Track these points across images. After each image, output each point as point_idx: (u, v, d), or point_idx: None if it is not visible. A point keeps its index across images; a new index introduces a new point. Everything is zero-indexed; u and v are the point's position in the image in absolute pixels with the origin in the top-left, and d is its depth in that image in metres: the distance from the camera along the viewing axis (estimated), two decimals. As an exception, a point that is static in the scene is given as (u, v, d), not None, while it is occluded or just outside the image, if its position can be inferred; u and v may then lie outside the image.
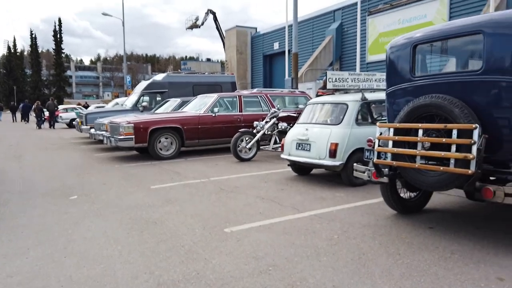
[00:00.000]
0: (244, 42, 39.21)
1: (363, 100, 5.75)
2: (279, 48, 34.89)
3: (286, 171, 7.00)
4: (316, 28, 30.81)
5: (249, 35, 39.32)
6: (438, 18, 22.37)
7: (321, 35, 30.12)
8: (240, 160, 8.37)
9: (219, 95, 9.95)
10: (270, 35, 36.58)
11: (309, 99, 11.04)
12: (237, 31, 38.82)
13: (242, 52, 39.30)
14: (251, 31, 39.58)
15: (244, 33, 39.26)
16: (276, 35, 35.43)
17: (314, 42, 30.91)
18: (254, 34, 39.17)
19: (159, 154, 8.96)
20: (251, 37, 39.24)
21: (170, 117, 9.31)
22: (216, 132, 9.60)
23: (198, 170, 7.43)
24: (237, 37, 38.82)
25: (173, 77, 14.43)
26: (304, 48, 30.79)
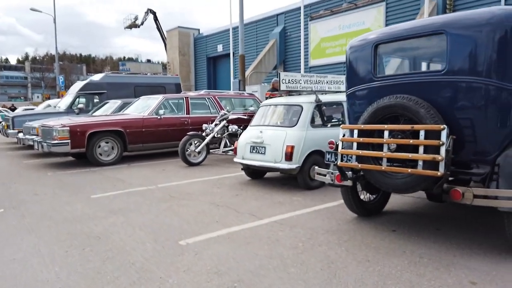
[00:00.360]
0: (186, 44, 38.45)
1: (317, 102, 5.66)
2: (223, 50, 34.62)
3: (239, 175, 6.73)
4: (260, 31, 30.99)
5: (192, 36, 38.63)
6: (376, 25, 23.45)
7: (265, 38, 30.34)
8: (189, 164, 7.96)
9: (164, 97, 9.46)
10: (213, 37, 36.21)
11: (257, 101, 10.91)
12: (179, 32, 37.98)
13: (185, 53, 38.51)
14: (194, 32, 38.92)
15: (187, 34, 38.50)
16: (220, 37, 35.13)
17: (258, 45, 31.06)
18: (197, 35, 38.56)
19: (99, 159, 8.28)
20: (194, 39, 38.59)
21: (110, 119, 8.65)
22: (162, 135, 9.09)
23: (143, 177, 6.92)
24: (179, 38, 37.97)
25: (112, 77, 13.59)
26: (249, 51, 30.78)
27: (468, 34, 2.93)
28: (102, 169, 7.83)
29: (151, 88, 14.10)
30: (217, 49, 35.78)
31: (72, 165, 8.46)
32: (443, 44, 3.04)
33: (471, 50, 2.92)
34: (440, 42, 3.08)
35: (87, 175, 7.26)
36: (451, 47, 2.99)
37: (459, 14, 3.09)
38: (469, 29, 2.93)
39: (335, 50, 25.92)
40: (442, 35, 3.04)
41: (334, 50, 25.89)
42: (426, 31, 3.15)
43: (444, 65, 3.05)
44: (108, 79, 13.42)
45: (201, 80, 37.68)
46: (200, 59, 37.85)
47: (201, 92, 10.38)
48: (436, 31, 3.08)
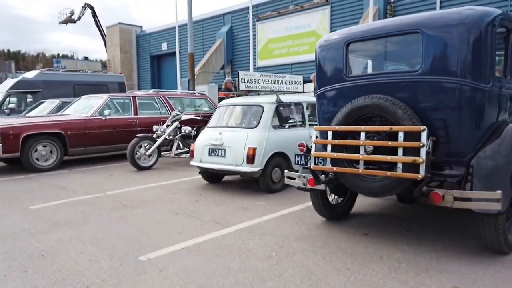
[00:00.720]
0: (128, 41, 36.88)
1: (278, 102, 5.49)
2: (168, 49, 33.63)
3: (195, 179, 6.39)
4: (207, 30, 30.51)
5: (134, 33, 37.12)
6: (321, 27, 24.01)
7: (212, 37, 29.91)
8: (139, 168, 7.45)
9: (109, 96, 8.81)
10: (157, 35, 35.05)
11: (209, 102, 10.58)
12: (120, 28, 36.33)
13: (127, 51, 36.93)
14: (136, 29, 37.42)
15: (128, 31, 36.94)
16: (165, 35, 34.09)
17: (204, 44, 30.55)
18: (140, 33, 37.13)
19: (36, 165, 7.49)
20: (136, 36, 37.10)
21: (49, 121, 7.87)
22: (107, 137, 8.45)
23: (89, 183, 6.33)
24: (120, 35, 36.32)
25: (48, 75, 12.53)
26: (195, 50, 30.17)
27: (443, 34, 2.89)
28: (40, 176, 7.08)
29: (92, 87, 13.23)
30: (162, 47, 34.69)
31: (4, 172, 7.58)
32: (418, 44, 2.98)
33: (445, 50, 2.89)
34: (415, 41, 3.02)
35: (22, 182, 6.50)
36: (427, 46, 2.94)
37: (434, 13, 3.05)
38: (444, 29, 2.89)
39: (282, 51, 26.19)
40: (418, 34, 2.98)
41: (281, 51, 26.15)
42: (401, 30, 3.08)
43: (419, 65, 3.00)
44: (43, 77, 12.35)
45: (144, 79, 36.33)
46: (143, 57, 36.47)
47: (150, 92, 9.84)
48: (411, 30, 3.02)
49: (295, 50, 25.52)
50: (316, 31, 24.30)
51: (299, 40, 25.30)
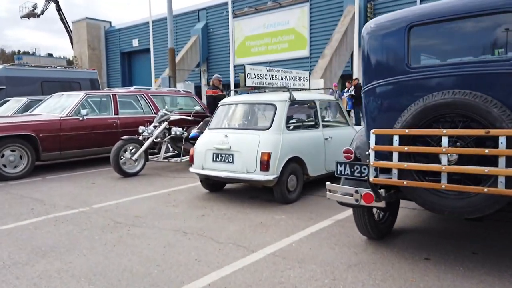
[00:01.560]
0: (96, 37, 35.20)
1: (292, 100, 4.83)
2: (140, 45, 32.29)
3: (192, 188, 5.63)
4: (181, 27, 29.42)
5: (103, 29, 35.49)
6: (300, 25, 23.56)
7: (187, 34, 28.88)
8: (125, 175, 6.59)
9: (86, 94, 7.87)
10: (128, 30, 33.61)
11: (196, 100, 9.79)
12: (88, 23, 34.60)
13: (95, 48, 35.25)
14: (105, 25, 35.78)
15: (96, 26, 35.26)
16: (136, 31, 32.73)
17: (178, 41, 29.44)
18: (109, 28, 35.52)
19: (3, 172, 6.48)
20: (105, 32, 35.45)
21: (17, 121, 6.86)
22: (86, 140, 7.52)
23: (69, 194, 5.45)
24: (87, 30, 34.61)
25: (12, 70, 11.32)
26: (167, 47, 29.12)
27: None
28: (8, 185, 6.10)
29: (63, 84, 12.13)
30: (132, 44, 33.27)
31: (-36, 181, 6.54)
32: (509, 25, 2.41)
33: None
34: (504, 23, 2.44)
35: (-13, 194, 5.53)
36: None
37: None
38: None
39: (260, 49, 25.56)
40: (509, 14, 2.41)
41: (260, 49, 25.52)
42: (485, 9, 2.49)
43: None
44: (7, 73, 11.14)
45: (114, 76, 34.79)
46: (112, 54, 34.88)
47: (131, 89, 8.93)
48: (500, 8, 2.44)
49: (274, 48, 24.96)
50: (295, 28, 23.84)
51: (277, 37, 24.74)
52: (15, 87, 11.07)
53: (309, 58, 23.20)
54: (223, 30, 26.86)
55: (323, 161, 5.09)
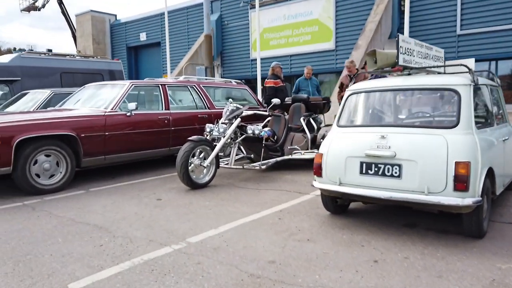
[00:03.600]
0: (101, 31, 33.60)
1: (476, 84, 3.34)
2: (148, 39, 30.69)
3: (299, 206, 4.15)
4: (192, 19, 27.83)
5: (108, 22, 33.85)
6: (324, 15, 22.04)
7: (199, 27, 27.28)
8: (193, 186, 5.08)
9: (132, 83, 6.34)
10: (134, 24, 32.00)
11: (249, 93, 8.29)
12: (92, 17, 32.96)
13: (100, 42, 33.63)
14: (110, 18, 34.12)
15: (101, 20, 33.64)
16: (143, 24, 31.13)
17: (190, 35, 27.88)
18: (114, 22, 33.89)
19: (37, 185, 4.96)
20: (110, 25, 33.82)
21: (53, 118, 5.32)
22: (134, 141, 6.01)
23: (137, 217, 3.93)
24: (92, 24, 32.98)
25: (28, 59, 9.73)
26: (179, 41, 27.59)
27: None
28: (46, 202, 4.59)
29: (84, 76, 10.60)
30: (140, 37, 31.65)
31: (-15, 196, 5.01)
32: None
33: None
34: None
35: (23, 219, 4.00)
36: None
37: None
38: None
39: (280, 41, 24.00)
40: None
41: (279, 41, 23.96)
42: None
43: None
44: (22, 62, 9.57)
45: (121, 72, 33.10)
46: (118, 48, 33.21)
47: (180, 79, 7.41)
48: None
49: (295, 41, 23.40)
50: (319, 19, 22.29)
51: (299, 29, 23.19)
52: (31, 78, 9.51)
53: (335, 51, 21.71)
54: (239, 22, 25.30)
55: (506, 172, 3.62)
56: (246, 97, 8.28)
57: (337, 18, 21.48)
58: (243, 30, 25.40)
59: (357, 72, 7.69)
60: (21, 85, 9.32)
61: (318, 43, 22.28)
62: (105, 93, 6.34)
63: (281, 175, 5.88)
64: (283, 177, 5.75)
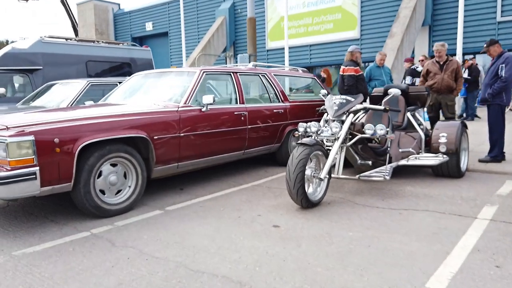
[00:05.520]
0: (105, 20, 32.10)
1: None
2: (154, 29, 29.27)
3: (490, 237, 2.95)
4: (202, 7, 26.48)
5: (111, 11, 32.35)
6: (348, 2, 20.72)
7: (210, 16, 25.94)
8: (307, 205, 3.86)
9: (203, 70, 5.05)
10: (139, 13, 30.55)
11: (318, 83, 7.06)
12: (95, 5, 31.41)
13: (103, 32, 32.11)
14: (113, 7, 32.61)
15: (104, 9, 32.10)
16: (149, 13, 29.73)
17: (200, 23, 26.54)
18: (118, 11, 32.41)
19: (102, 204, 3.70)
20: (113, 15, 32.32)
21: (119, 115, 4.02)
22: (209, 143, 4.77)
23: (279, 262, 2.71)
24: (95, 13, 31.46)
25: (50, 45, 8.40)
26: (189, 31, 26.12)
27: None
28: (120, 231, 3.35)
29: (112, 65, 9.35)
30: (146, 27, 30.17)
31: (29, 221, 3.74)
32: None
33: None
34: None
35: (108, 263, 2.77)
36: None
37: None
38: None
39: (299, 30, 22.67)
40: None
41: (298, 30, 22.64)
42: None
43: None
44: (44, 48, 8.25)
45: (126, 64, 31.63)
46: (122, 39, 31.65)
47: (249, 66, 6.13)
48: None
49: (316, 29, 22.08)
50: (342, 6, 20.96)
51: (320, 17, 21.85)
52: (54, 67, 8.21)
53: (359, 40, 20.45)
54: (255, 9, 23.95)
55: None
56: (314, 87, 7.06)
57: (362, 4, 20.19)
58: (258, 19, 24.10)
59: (448, 58, 6.50)
60: (42, 75, 8.02)
61: (341, 32, 21.00)
62: (169, 83, 5.09)
63: (394, 185, 4.68)
64: (403, 189, 4.55)
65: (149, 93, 5.03)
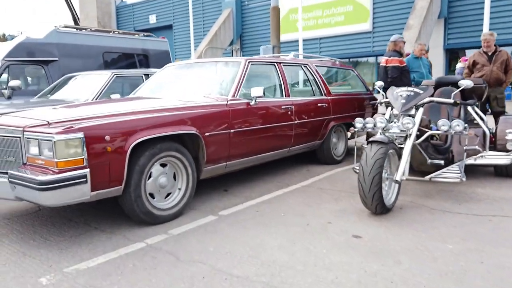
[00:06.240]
0: (107, 13, 31.44)
1: None
2: (158, 22, 28.66)
3: None
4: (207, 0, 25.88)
5: (113, 4, 31.71)
6: (362, -6, 20.22)
7: (216, 7, 25.38)
8: (381, 211, 3.43)
9: (248, 60, 4.59)
10: (143, 5, 29.91)
11: (356, 75, 6.63)
12: (97, -3, 30.72)
13: (105, 25, 31.39)
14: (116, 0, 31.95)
15: (107, 1, 31.42)
16: (152, 6, 29.11)
17: (205, 16, 25.97)
18: (120, 3, 31.75)
19: (153, 210, 3.26)
20: (116, 8, 31.68)
21: (168, 109, 3.54)
22: (257, 140, 4.33)
23: (384, 280, 2.31)
24: (97, 6, 30.79)
25: (66, 35, 7.91)
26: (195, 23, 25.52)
27: None
28: (179, 241, 2.91)
29: (127, 56, 8.88)
30: (149, 20, 29.55)
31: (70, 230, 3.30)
32: None
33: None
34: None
35: (179, 284, 2.34)
36: None
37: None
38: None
39: (309, 23, 22.13)
40: None
41: (307, 23, 22.09)
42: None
43: None
44: (59, 38, 7.77)
45: (129, 58, 31.05)
46: (125, 32, 31.06)
47: (290, 56, 5.67)
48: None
49: (326, 22, 21.58)
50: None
51: (330, 9, 21.34)
52: (70, 59, 7.73)
53: (372, 33, 20.00)
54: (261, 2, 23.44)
55: None
56: (353, 79, 6.62)
57: (376, 0, 19.68)
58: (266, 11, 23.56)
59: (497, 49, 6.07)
60: (58, 67, 7.55)
61: (353, 24, 20.50)
62: (208, 75, 4.64)
63: (461, 187, 4.27)
64: (474, 191, 4.14)
65: (187, 86, 4.58)
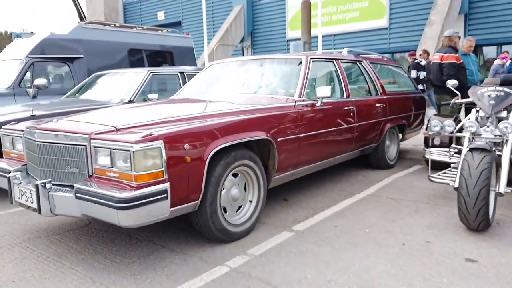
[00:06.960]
0: (114, 9, 31.02)
1: None
2: (166, 19, 28.20)
3: None
4: (217, -4, 25.40)
5: (121, 0, 31.27)
6: (377, -11, 19.76)
7: (225, 5, 24.92)
8: (483, 228, 3.02)
9: (309, 56, 4.17)
10: (150, 2, 29.46)
11: (404, 72, 6.23)
12: (104, -6, 30.31)
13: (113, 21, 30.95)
14: (122, -5, 31.53)
15: (114, -3, 31.03)
16: (160, 2, 28.65)
17: (215, 13, 25.51)
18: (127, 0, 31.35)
19: (228, 226, 2.87)
20: (123, 4, 31.28)
21: (239, 112, 3.15)
22: (323, 144, 3.94)
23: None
24: (104, 2, 30.38)
25: (91, 31, 7.51)
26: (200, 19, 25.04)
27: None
28: (269, 265, 2.52)
29: (153, 54, 8.50)
30: (157, 17, 29.11)
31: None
32: None
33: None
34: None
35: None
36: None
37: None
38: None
39: (323, 19, 21.61)
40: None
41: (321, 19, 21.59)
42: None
43: None
44: (84, 34, 7.37)
45: (137, 55, 30.65)
46: (133, 29, 30.67)
47: (344, 52, 5.25)
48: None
49: (340, 18, 21.12)
50: (371, -6, 20.01)
51: (345, 5, 20.88)
52: (96, 56, 7.34)
53: (388, 29, 19.53)
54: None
55: None
56: (400, 77, 6.20)
57: (393, -6, 19.21)
58: (278, 7, 23.12)
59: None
60: (84, 65, 7.17)
61: (368, 21, 20.03)
62: (263, 73, 4.23)
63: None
64: None
65: (243, 86, 4.18)
